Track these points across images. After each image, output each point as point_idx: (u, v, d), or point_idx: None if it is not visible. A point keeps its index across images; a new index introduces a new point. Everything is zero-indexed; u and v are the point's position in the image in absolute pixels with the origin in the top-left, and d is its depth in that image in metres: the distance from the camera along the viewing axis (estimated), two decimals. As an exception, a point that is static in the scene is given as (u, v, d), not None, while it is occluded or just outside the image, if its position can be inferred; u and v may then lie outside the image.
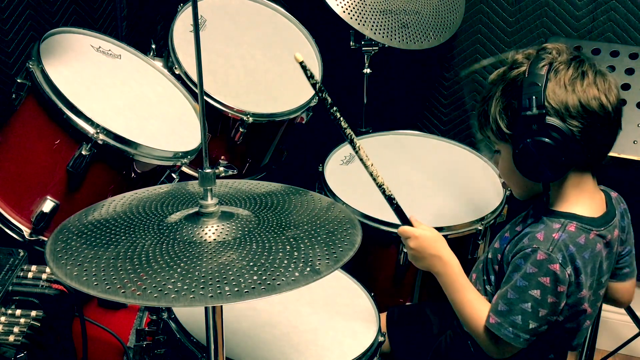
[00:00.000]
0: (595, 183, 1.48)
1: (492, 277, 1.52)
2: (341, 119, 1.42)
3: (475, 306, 1.47)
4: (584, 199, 1.45)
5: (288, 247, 1.12)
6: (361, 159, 1.46)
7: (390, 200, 1.50)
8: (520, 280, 1.39)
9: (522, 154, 1.36)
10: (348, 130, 1.43)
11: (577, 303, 1.43)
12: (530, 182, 1.44)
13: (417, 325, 1.78)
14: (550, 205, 1.46)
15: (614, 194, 1.55)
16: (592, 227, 1.43)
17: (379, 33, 2.19)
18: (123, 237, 1.15)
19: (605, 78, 1.39)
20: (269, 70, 2.20)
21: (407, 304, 1.93)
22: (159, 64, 2.07)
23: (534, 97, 1.33)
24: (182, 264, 1.07)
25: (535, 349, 1.46)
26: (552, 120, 1.34)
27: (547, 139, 1.34)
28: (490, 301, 1.48)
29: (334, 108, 1.40)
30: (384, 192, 1.50)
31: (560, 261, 1.37)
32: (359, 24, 2.17)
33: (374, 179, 1.49)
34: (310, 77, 1.31)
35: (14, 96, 1.77)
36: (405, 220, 1.54)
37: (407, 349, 1.75)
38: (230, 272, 1.05)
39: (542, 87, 1.34)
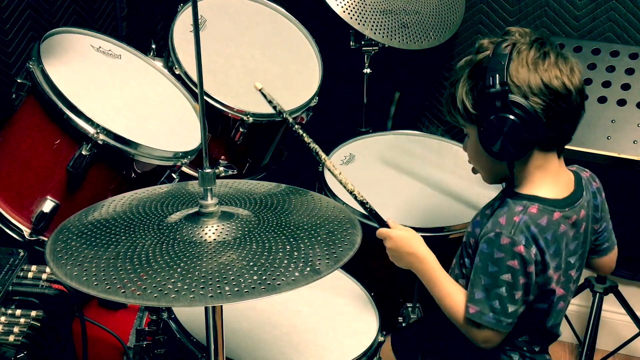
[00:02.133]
0: (562, 164, 1.50)
1: (467, 261, 1.54)
2: (304, 135, 1.51)
3: (454, 297, 1.49)
4: (547, 180, 1.47)
5: (288, 247, 1.12)
6: (329, 169, 1.52)
7: (364, 205, 1.54)
8: (491, 265, 1.42)
9: (486, 131, 1.40)
10: (312, 145, 1.51)
11: (544, 283, 1.45)
12: (496, 163, 1.47)
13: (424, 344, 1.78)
14: (516, 187, 1.48)
15: (585, 174, 1.57)
16: (555, 208, 1.45)
17: (379, 33, 2.19)
18: (123, 237, 1.15)
19: (567, 60, 1.42)
20: (269, 70, 2.20)
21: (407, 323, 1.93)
22: (159, 64, 2.07)
23: (497, 75, 1.37)
24: (182, 264, 1.07)
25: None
26: (514, 97, 1.37)
27: (510, 116, 1.37)
28: (465, 285, 1.49)
29: (297, 126, 1.52)
30: (355, 198, 1.54)
31: (523, 243, 1.40)
32: (359, 24, 2.17)
33: (344, 186, 1.54)
34: (269, 101, 1.47)
35: (14, 96, 1.77)
36: (382, 223, 1.58)
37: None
38: (230, 272, 1.05)
39: (505, 65, 1.37)
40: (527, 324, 1.50)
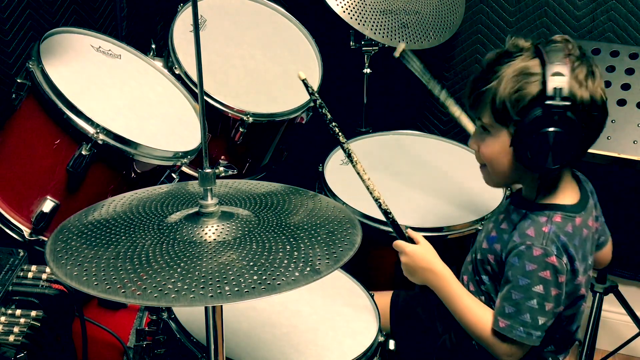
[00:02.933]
0: (570, 171, 1.51)
1: (485, 277, 1.53)
2: (340, 134, 1.48)
3: (474, 312, 1.49)
4: (563, 188, 1.48)
5: (288, 247, 1.12)
6: (358, 173, 1.52)
7: (387, 214, 1.54)
8: (522, 279, 1.41)
9: (528, 140, 1.37)
10: (346, 145, 1.49)
11: (574, 290, 1.46)
12: (517, 170, 1.45)
13: (420, 322, 1.78)
14: (534, 198, 1.48)
15: (581, 176, 1.59)
16: (575, 214, 1.46)
17: (379, 33, 2.19)
18: (123, 237, 1.15)
19: (600, 76, 1.43)
20: (269, 70, 2.20)
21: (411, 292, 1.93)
22: (159, 64, 2.07)
23: (560, 88, 1.34)
24: (182, 264, 1.07)
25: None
26: (570, 111, 1.35)
27: (559, 129, 1.35)
28: (485, 301, 1.49)
29: (333, 123, 1.48)
30: (380, 206, 1.54)
31: (555, 253, 1.40)
32: (359, 24, 2.17)
33: (371, 193, 1.54)
34: (312, 93, 1.41)
35: (14, 96, 1.77)
36: (401, 234, 1.57)
37: (411, 346, 1.75)
38: (230, 272, 1.05)
39: (567, 79, 1.35)
40: (554, 332, 1.49)
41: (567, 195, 1.48)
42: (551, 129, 1.35)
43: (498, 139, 1.45)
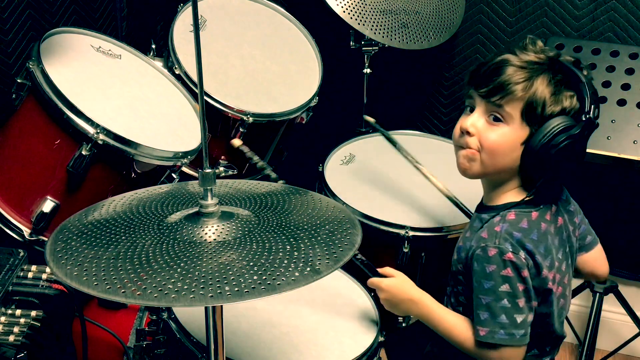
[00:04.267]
0: None
1: (461, 287, 1.54)
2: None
3: (459, 328, 1.49)
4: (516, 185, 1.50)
5: (288, 247, 1.12)
6: None
7: (354, 256, 1.54)
8: (486, 282, 1.42)
9: (558, 150, 1.39)
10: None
11: (541, 284, 1.45)
12: (511, 168, 1.46)
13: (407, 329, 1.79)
14: (488, 201, 1.52)
15: None
16: (532, 209, 1.46)
17: (379, 33, 2.19)
18: (123, 237, 1.15)
19: None
20: (269, 70, 2.20)
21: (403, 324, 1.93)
22: (159, 64, 2.07)
23: (596, 107, 1.40)
24: (182, 264, 1.07)
25: None
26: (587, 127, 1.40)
27: (583, 145, 1.41)
28: (463, 312, 1.51)
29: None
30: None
31: (511, 249, 1.40)
32: (359, 24, 2.17)
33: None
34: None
35: (14, 96, 1.77)
36: (374, 271, 1.59)
37: (399, 353, 1.75)
38: (230, 272, 1.05)
39: (596, 98, 1.41)
40: (534, 332, 1.48)
41: (519, 191, 1.49)
42: (570, 140, 1.38)
43: (513, 131, 1.43)
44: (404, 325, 1.88)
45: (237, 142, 1.30)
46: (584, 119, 1.39)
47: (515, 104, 1.42)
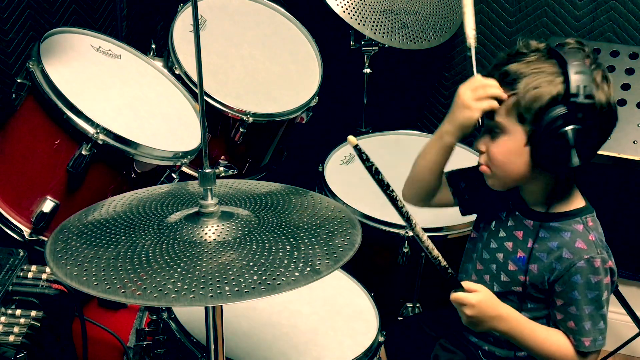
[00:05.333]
0: None
1: (514, 297, 1.50)
2: (397, 198, 1.34)
3: (551, 340, 1.45)
4: (575, 189, 1.48)
5: (288, 247, 1.12)
6: (417, 235, 1.36)
7: (446, 271, 1.40)
8: (590, 292, 1.40)
9: (556, 141, 1.33)
10: (404, 209, 1.34)
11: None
12: (531, 172, 1.40)
13: (413, 325, 1.78)
14: (547, 207, 1.44)
15: None
16: (593, 211, 1.47)
17: (379, 33, 2.19)
18: (123, 237, 1.15)
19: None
20: (269, 70, 2.20)
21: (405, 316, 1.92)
22: (159, 64, 2.07)
23: (585, 86, 1.31)
24: (182, 264, 1.07)
25: None
26: (590, 112, 1.33)
27: (586, 128, 1.32)
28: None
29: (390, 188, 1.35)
30: (439, 264, 1.39)
31: (610, 257, 1.41)
32: (359, 24, 2.17)
33: (430, 253, 1.38)
34: (366, 160, 1.26)
35: (14, 96, 1.77)
36: (458, 285, 1.44)
37: (405, 351, 1.75)
38: (230, 272, 1.05)
39: (589, 79, 1.32)
40: None
41: (580, 195, 1.47)
42: (574, 127, 1.32)
43: (513, 137, 1.40)
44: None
45: (352, 139, 1.22)
46: (572, 100, 1.31)
47: (501, 109, 1.39)
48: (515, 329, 1.44)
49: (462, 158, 2.17)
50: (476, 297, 1.41)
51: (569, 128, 1.32)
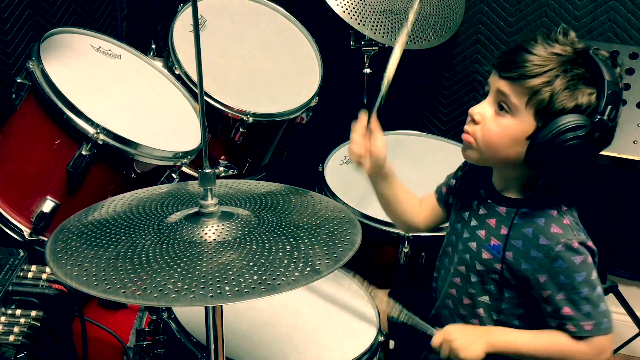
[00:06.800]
0: None
1: (492, 287, 1.46)
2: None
3: (555, 342, 1.41)
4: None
5: (288, 247, 1.12)
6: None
7: (398, 319, 1.45)
8: (578, 275, 1.36)
9: (562, 149, 1.30)
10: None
11: None
12: (514, 161, 1.37)
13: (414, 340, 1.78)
14: (522, 195, 1.43)
15: None
16: (569, 199, 1.45)
17: (379, 33, 2.19)
18: (123, 237, 1.15)
19: None
20: (269, 70, 2.20)
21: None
22: (159, 64, 2.08)
23: (614, 110, 1.31)
24: (182, 264, 1.07)
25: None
26: (607, 133, 1.33)
27: (594, 147, 1.33)
28: (490, 301, 1.46)
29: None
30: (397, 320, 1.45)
31: (588, 238, 1.38)
32: (359, 24, 2.17)
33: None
34: None
35: (14, 96, 1.77)
36: (429, 337, 1.45)
37: (406, 343, 1.74)
38: (230, 272, 1.05)
39: (616, 99, 1.32)
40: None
41: (560, 189, 1.45)
42: (581, 141, 1.30)
43: (519, 124, 1.35)
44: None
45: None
46: (597, 119, 1.29)
47: (522, 94, 1.34)
48: (509, 339, 1.42)
49: (460, 157, 2.17)
50: (449, 328, 1.43)
51: (571, 140, 1.29)
